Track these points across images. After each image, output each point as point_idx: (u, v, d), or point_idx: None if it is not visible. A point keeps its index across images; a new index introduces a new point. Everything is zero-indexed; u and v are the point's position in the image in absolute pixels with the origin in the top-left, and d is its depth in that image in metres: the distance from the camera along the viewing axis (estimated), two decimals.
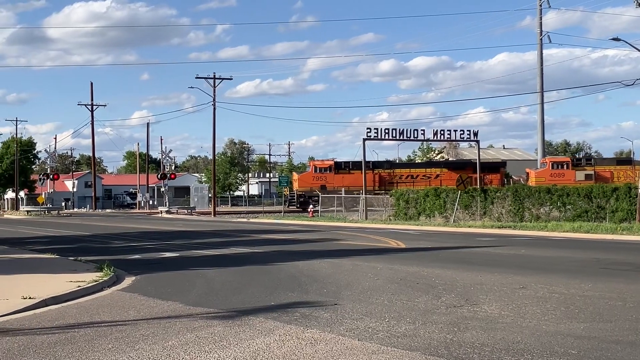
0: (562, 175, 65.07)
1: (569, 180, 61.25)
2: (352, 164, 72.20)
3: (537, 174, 67.78)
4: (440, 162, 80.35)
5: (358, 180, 68.03)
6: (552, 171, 66.47)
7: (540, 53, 67.26)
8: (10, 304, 13.15)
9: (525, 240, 29.41)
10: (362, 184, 67.32)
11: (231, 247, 27.13)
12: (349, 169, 70.50)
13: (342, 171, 70.25)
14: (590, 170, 67.08)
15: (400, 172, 69.74)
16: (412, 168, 73.75)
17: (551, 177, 63.60)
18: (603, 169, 67.63)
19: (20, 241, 32.78)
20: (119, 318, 12.07)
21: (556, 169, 66.93)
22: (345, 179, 68.79)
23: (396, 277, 16.81)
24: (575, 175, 65.65)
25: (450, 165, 75.29)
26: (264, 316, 11.85)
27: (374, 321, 11.33)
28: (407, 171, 71.49)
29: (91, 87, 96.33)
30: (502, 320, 11.38)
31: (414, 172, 71.82)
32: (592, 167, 68.20)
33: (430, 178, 70.27)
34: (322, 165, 72.47)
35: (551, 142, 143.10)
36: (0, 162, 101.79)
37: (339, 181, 68.70)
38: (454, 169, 72.57)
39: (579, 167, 68.02)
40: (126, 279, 17.52)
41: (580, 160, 72.07)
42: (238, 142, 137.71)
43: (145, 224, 51.31)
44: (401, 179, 68.04)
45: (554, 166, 67.50)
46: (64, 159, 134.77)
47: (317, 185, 68.32)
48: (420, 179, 69.88)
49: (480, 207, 41.98)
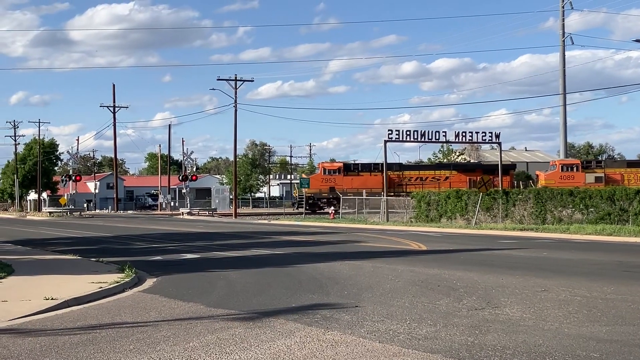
0: (572, 177, 64.78)
1: (578, 182, 60.92)
2: (360, 166, 72.73)
3: (546, 176, 67.59)
4: (450, 164, 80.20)
5: (367, 182, 68.35)
6: (562, 173, 66.22)
7: (563, 55, 67.05)
8: (32, 305, 13.24)
9: (547, 243, 29.24)
10: (370, 186, 67.63)
11: (252, 249, 27.18)
12: (357, 171, 70.82)
13: (351, 173, 70.46)
14: (600, 173, 66.73)
15: (409, 174, 69.55)
16: (421, 170, 73.67)
17: (561, 179, 63.31)
18: (613, 171, 67.31)
19: (43, 242, 33.01)
20: (140, 319, 12.11)
21: (566, 171, 66.66)
22: (354, 181, 69.03)
23: (417, 279, 16.76)
24: (585, 177, 65.33)
25: (460, 168, 75.24)
26: (285, 318, 11.85)
27: (395, 323, 11.30)
28: (416, 173, 71.41)
29: (113, 89, 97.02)
30: (524, 323, 11.32)
31: (423, 174, 71.77)
32: (602, 169, 67.88)
33: (440, 180, 70.23)
34: (331, 167, 72.61)
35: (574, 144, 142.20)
36: (23, 164, 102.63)
37: (347, 183, 68.92)
38: (463, 171, 72.65)
39: (589, 169, 67.69)
40: (147, 280, 17.60)
41: (590, 162, 71.74)
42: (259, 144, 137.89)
43: (166, 225, 51.50)
44: (410, 181, 67.92)
45: (564, 168, 67.24)
46: (86, 160, 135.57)
47: (326, 187, 68.40)
48: (430, 181, 69.84)
49: (502, 209, 41.78)
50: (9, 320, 12.00)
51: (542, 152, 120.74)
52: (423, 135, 52.39)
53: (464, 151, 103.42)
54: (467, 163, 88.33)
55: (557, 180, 62.91)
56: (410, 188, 64.70)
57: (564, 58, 67.19)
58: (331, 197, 69.52)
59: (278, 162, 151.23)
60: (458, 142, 57.61)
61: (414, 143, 61.65)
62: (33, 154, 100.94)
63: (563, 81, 66.22)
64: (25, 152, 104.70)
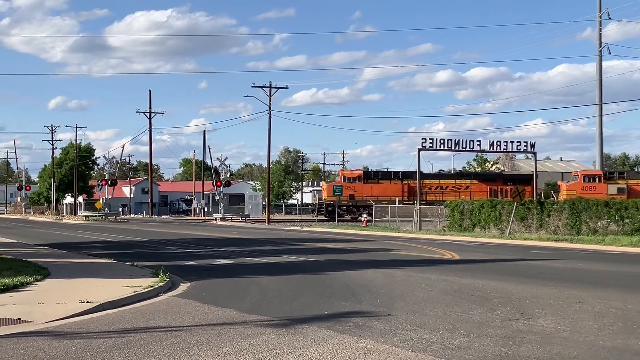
0: (594, 188, 64.12)
1: (600, 193, 60.26)
2: (380, 174, 73.19)
3: (568, 186, 67.08)
4: (470, 174, 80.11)
5: (387, 190, 68.57)
6: (584, 184, 65.63)
7: (600, 65, 66.42)
8: (68, 308, 13.39)
9: (581, 254, 28.98)
10: (390, 194, 67.83)
11: (285, 255, 27.23)
12: (377, 179, 71.08)
13: (371, 181, 70.63)
14: (622, 184, 66.07)
15: (430, 182, 69.16)
16: (441, 179, 73.48)
17: (582, 190, 62.65)
18: (636, 182, 66.66)
19: (79, 246, 33.34)
20: (174, 324, 12.20)
21: (588, 182, 66.05)
22: (374, 189, 69.22)
23: (450, 288, 16.70)
24: (607, 188, 64.66)
25: (480, 177, 75.12)
26: (317, 325, 11.87)
27: (428, 332, 11.28)
28: (437, 182, 71.23)
29: (149, 95, 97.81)
30: (558, 334, 11.24)
31: (443, 183, 71.66)
32: (625, 180, 67.19)
33: (460, 189, 70.08)
34: (351, 174, 72.68)
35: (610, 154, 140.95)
36: (60, 168, 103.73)
37: (367, 191, 69.05)
38: (483, 180, 72.56)
39: (612, 180, 67.00)
40: (181, 285, 17.71)
41: (613, 173, 70.99)
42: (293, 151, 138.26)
43: (200, 230, 51.78)
44: (430, 189, 67.62)
45: (586, 179, 66.64)
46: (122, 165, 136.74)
47: (345, 194, 68.40)
48: (450, 190, 69.68)
49: (537, 219, 41.46)
50: (45, 322, 12.15)
51: (578, 162, 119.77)
52: (457, 144, 52.16)
53: (498, 160, 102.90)
54: (488, 172, 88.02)
55: (579, 190, 62.27)
56: (430, 197, 64.69)
57: (601, 68, 66.56)
58: (350, 205, 69.58)
59: (311, 169, 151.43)
60: (492, 151, 57.37)
61: (448, 152, 61.46)
62: (69, 158, 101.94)
63: (599, 91, 65.59)
64: (62, 156, 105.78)
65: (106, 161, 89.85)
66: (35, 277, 17.57)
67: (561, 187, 70.05)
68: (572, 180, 69.41)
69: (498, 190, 69.48)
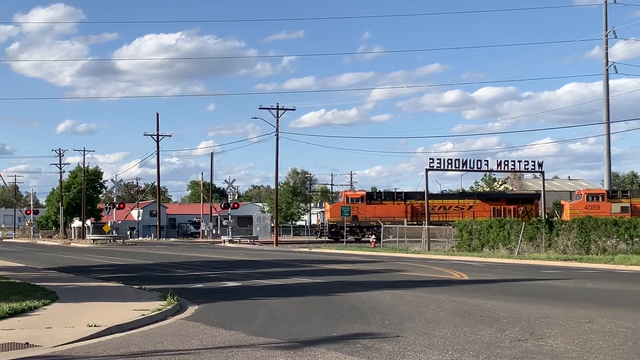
0: (597, 207, 64.05)
1: (604, 212, 60.18)
2: (384, 194, 73.27)
3: (571, 205, 67.04)
4: (473, 194, 79.92)
5: (390, 210, 68.60)
6: (587, 203, 65.58)
7: (607, 84, 66.51)
8: (76, 331, 13.37)
9: (591, 274, 28.86)
10: (393, 215, 67.97)
11: (293, 277, 27.18)
12: (380, 200, 71.22)
13: (374, 202, 70.69)
14: (626, 203, 66.03)
15: (433, 202, 68.37)
16: (444, 199, 73.23)
17: (586, 209, 62.51)
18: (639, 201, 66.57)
19: (86, 269, 33.35)
20: (182, 347, 12.17)
21: (591, 200, 66.02)
22: (377, 210, 69.26)
23: (459, 309, 16.63)
24: (611, 207, 64.59)
25: (483, 197, 75.06)
26: (326, 347, 11.82)
27: (437, 354, 11.22)
28: (440, 202, 71.01)
29: (157, 118, 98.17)
30: (568, 354, 11.16)
31: (446, 203, 71.50)
32: (629, 199, 67.16)
33: (463, 209, 70.02)
34: (354, 195, 72.78)
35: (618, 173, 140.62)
36: (68, 191, 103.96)
37: (370, 211, 69.08)
38: (487, 200, 72.54)
39: (615, 199, 66.93)
40: (189, 307, 17.68)
41: (616, 192, 70.82)
42: (300, 172, 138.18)
43: (208, 253, 51.75)
44: (434, 209, 67.06)
45: (589, 198, 66.64)
46: (129, 188, 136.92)
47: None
48: (453, 210, 69.61)
49: (545, 239, 41.34)
50: (53, 346, 12.14)
51: (586, 181, 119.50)
52: (465, 164, 52.18)
53: (506, 180, 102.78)
54: (491, 192, 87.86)
55: (582, 209, 62.14)
56: (434, 217, 64.38)
57: (608, 87, 66.64)
58: (354, 226, 69.49)
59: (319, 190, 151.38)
60: (500, 171, 57.33)
61: (456, 172, 61.42)
62: (77, 182, 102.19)
63: (607, 110, 65.63)
64: (70, 180, 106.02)
65: (114, 184, 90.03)
66: (44, 301, 17.56)
67: (564, 206, 70.01)
68: (576, 199, 69.40)
69: (501, 210, 69.42)
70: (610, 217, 45.96)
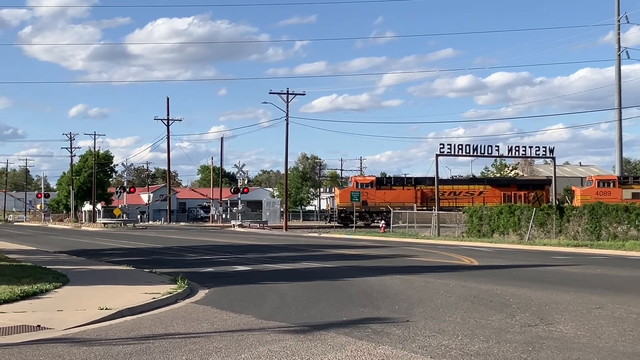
0: (609, 193, 63.80)
1: (615, 198, 59.94)
2: (393, 180, 73.04)
3: (582, 192, 66.83)
4: (484, 179, 79.54)
5: (400, 196, 68.47)
6: (598, 189, 65.34)
7: (619, 69, 66.18)
8: (87, 315, 13.43)
9: (601, 259, 28.80)
10: (403, 200, 67.87)
11: (303, 262, 27.23)
12: (390, 185, 71.01)
13: (383, 187, 70.53)
14: (637, 189, 65.78)
15: (443, 188, 67.70)
16: (454, 185, 72.88)
17: (597, 195, 62.27)
18: None
19: (97, 253, 33.49)
20: (192, 330, 12.21)
21: (602, 187, 65.75)
22: (387, 195, 69.11)
23: (469, 294, 16.63)
24: (622, 193, 64.31)
25: (494, 182, 74.82)
26: (336, 331, 11.85)
27: (447, 339, 11.22)
28: (450, 188, 70.69)
29: (167, 103, 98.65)
30: (578, 340, 11.16)
31: (456, 188, 71.20)
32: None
33: (474, 195, 69.77)
34: (364, 180, 72.69)
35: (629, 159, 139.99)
36: (78, 175, 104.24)
37: (380, 197, 68.96)
38: (497, 185, 72.29)
39: (626, 185, 66.61)
40: (199, 291, 17.73)
41: (628, 178, 70.44)
42: (310, 157, 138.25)
43: (218, 237, 51.87)
44: (444, 195, 66.59)
45: (600, 184, 66.34)
46: (140, 172, 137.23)
47: None
48: (463, 196, 69.35)
49: (556, 225, 41.23)
50: (64, 329, 12.19)
51: (597, 167, 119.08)
52: (475, 150, 52.02)
53: (517, 166, 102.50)
54: (501, 178, 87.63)
55: (593, 195, 61.92)
56: (444, 203, 64.10)
57: (620, 72, 66.29)
58: (363, 211, 69.44)
59: (329, 175, 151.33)
60: (511, 156, 57.11)
61: (466, 157, 61.20)
62: (88, 166, 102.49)
63: (619, 95, 65.26)
64: (81, 164, 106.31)
65: (125, 168, 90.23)
66: (55, 284, 17.64)
67: (575, 192, 69.81)
68: (587, 186, 69.13)
69: (512, 195, 69.18)
70: (621, 203, 45.80)
